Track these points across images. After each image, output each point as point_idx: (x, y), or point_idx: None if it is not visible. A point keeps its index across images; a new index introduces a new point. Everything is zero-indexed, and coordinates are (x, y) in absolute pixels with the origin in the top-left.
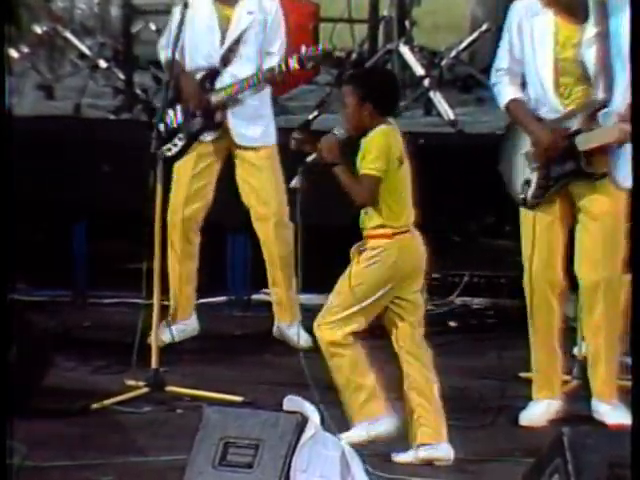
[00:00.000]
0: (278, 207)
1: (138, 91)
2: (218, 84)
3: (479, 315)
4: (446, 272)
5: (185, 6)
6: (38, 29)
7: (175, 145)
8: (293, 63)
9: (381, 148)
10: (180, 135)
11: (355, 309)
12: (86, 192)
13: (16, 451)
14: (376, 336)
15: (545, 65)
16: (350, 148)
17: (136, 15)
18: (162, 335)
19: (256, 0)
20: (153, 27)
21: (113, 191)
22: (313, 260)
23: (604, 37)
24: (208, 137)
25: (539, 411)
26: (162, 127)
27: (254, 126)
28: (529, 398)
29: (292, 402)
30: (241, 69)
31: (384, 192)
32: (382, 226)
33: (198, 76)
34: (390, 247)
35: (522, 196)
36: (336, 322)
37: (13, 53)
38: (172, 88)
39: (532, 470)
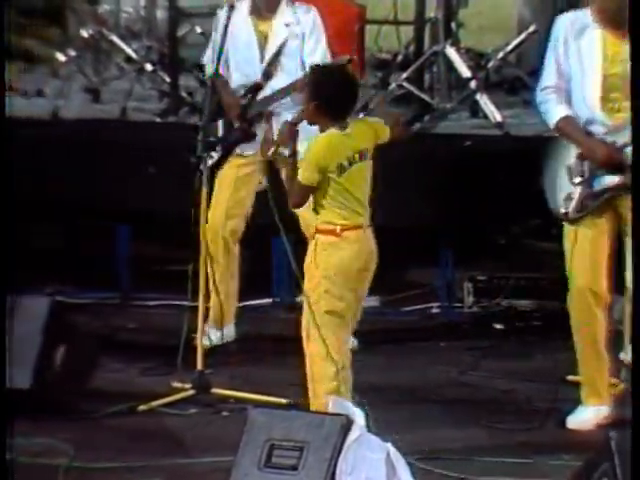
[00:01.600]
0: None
1: (184, 94)
2: (260, 98)
3: (525, 317)
4: (492, 274)
5: (228, 18)
6: (84, 33)
7: (211, 157)
8: None
9: (314, 157)
10: (218, 147)
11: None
12: (131, 195)
13: (63, 452)
14: None
15: (593, 81)
16: None
17: (182, 18)
18: (209, 336)
19: (292, 12)
20: (199, 30)
21: (158, 193)
22: None
23: None
24: (249, 151)
25: (587, 416)
26: (201, 136)
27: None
28: (577, 401)
29: (337, 404)
30: (283, 82)
31: (330, 194)
32: (330, 223)
33: (242, 90)
34: (338, 243)
35: (564, 211)
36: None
37: (60, 57)
38: (214, 100)
39: (580, 474)
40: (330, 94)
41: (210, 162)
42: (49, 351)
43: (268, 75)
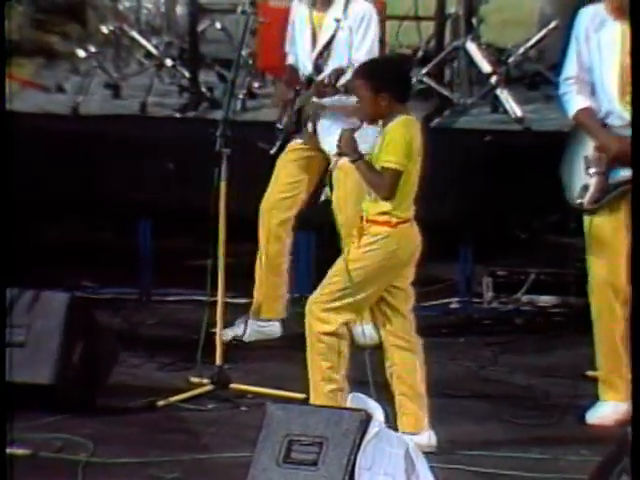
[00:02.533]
0: (355, 215)
1: (203, 89)
2: (310, 90)
3: (545, 313)
4: (512, 269)
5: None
6: (105, 29)
7: (275, 144)
8: (348, 70)
9: (403, 140)
10: (279, 134)
11: (352, 299)
12: (151, 190)
13: (83, 447)
14: None
15: (612, 73)
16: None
17: (202, 14)
18: (233, 331)
19: (342, 6)
20: (218, 25)
21: (178, 189)
22: None
23: None
24: (299, 141)
25: (606, 411)
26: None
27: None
28: (596, 396)
29: (356, 399)
30: None
31: (400, 183)
32: (387, 214)
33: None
34: (392, 235)
35: (579, 201)
36: (331, 310)
37: (80, 53)
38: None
39: (600, 469)
40: (399, 81)
41: (274, 149)
42: (69, 346)
43: (318, 68)
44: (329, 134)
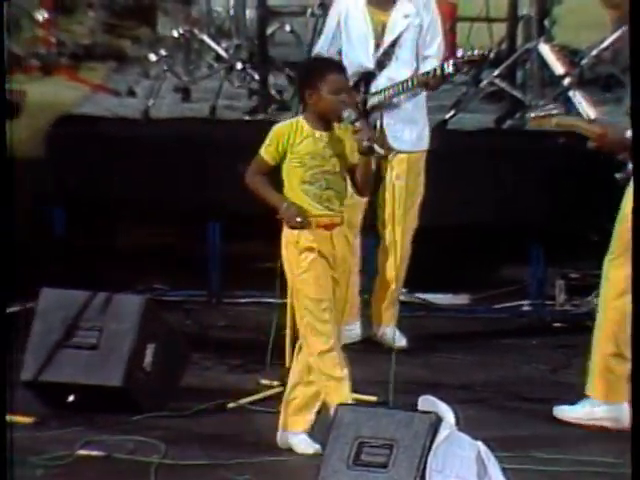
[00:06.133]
0: (414, 212)
1: (273, 91)
2: (373, 88)
3: None
4: (585, 272)
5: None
6: (175, 32)
7: None
8: (449, 68)
9: None
10: None
11: None
12: (221, 192)
13: (155, 449)
14: None
15: None
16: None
17: (271, 17)
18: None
19: (412, 4)
20: (288, 28)
21: (248, 191)
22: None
23: None
24: None
25: None
26: None
27: (409, 130)
28: None
29: (427, 402)
30: (397, 72)
31: None
32: None
33: (354, 79)
34: None
35: None
36: None
37: (151, 56)
38: None
39: None
40: None
41: None
42: (141, 349)
43: (382, 65)
44: (396, 131)
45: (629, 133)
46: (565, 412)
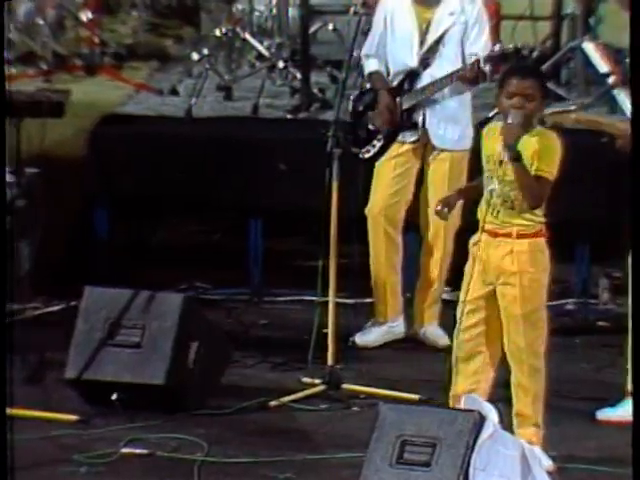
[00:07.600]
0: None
1: (315, 90)
2: (417, 85)
3: None
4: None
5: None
6: (217, 31)
7: (373, 146)
8: (484, 62)
9: (557, 152)
10: (379, 136)
11: None
12: (263, 191)
13: (198, 447)
14: None
15: None
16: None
17: (313, 15)
18: (366, 336)
19: (458, 1)
20: (330, 27)
21: (290, 189)
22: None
23: None
24: (410, 138)
25: None
26: (332, 131)
27: (452, 128)
28: None
29: (470, 400)
30: (441, 70)
31: None
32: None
33: (399, 77)
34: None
35: None
36: None
37: (194, 55)
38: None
39: None
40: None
41: (372, 151)
42: (183, 347)
43: (426, 62)
44: (438, 129)
45: None
46: (607, 414)
